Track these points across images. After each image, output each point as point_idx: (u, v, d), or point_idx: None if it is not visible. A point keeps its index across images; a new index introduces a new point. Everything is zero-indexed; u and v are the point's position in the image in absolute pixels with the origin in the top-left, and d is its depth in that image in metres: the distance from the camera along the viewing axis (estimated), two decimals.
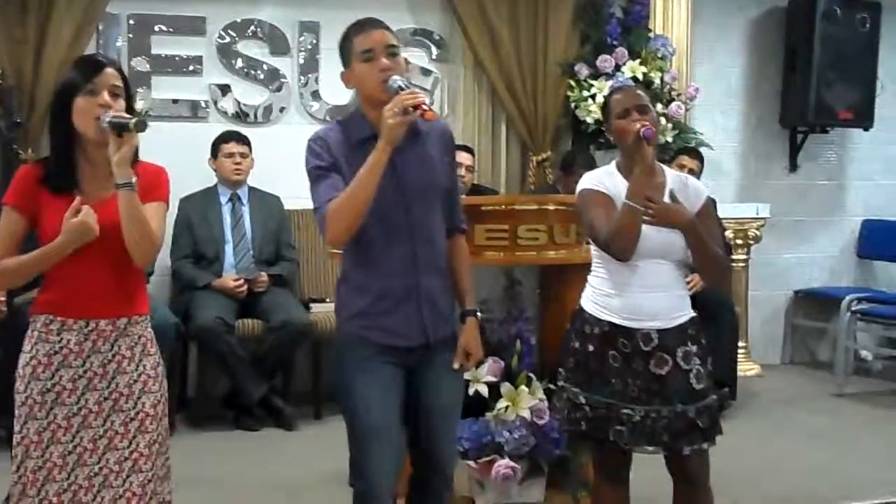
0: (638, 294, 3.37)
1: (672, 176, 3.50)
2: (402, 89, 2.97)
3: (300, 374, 6.44)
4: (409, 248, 3.11)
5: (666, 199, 3.36)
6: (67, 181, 3.00)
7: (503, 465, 4.22)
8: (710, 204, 3.53)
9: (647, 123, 3.33)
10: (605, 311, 3.41)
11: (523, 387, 4.30)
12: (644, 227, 3.30)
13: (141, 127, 2.91)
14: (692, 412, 3.35)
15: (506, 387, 4.28)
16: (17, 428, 3.01)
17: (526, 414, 4.26)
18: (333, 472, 4.95)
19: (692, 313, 3.47)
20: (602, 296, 3.43)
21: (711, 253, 3.39)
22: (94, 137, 2.96)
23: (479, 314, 3.37)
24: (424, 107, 2.92)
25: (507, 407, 4.26)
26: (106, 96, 2.96)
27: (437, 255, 3.20)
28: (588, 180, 3.49)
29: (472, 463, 4.24)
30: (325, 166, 3.09)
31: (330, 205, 3.00)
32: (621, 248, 3.30)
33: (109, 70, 3.01)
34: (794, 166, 8.12)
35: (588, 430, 3.42)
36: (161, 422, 3.12)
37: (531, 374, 4.34)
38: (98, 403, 3.02)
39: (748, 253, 7.52)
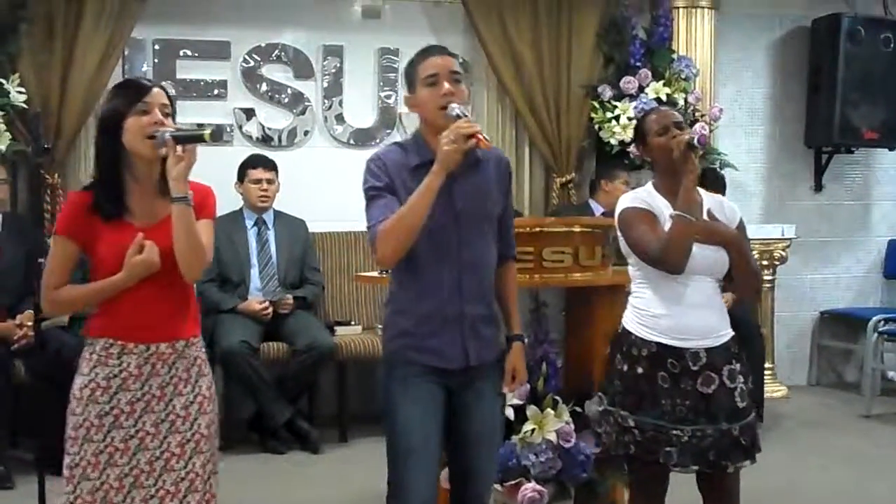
0: (687, 312, 3.38)
1: (707, 196, 3.52)
2: (459, 117, 3.02)
3: (325, 397, 6.46)
4: (455, 275, 3.15)
5: (705, 217, 3.38)
6: (118, 207, 3.02)
7: (530, 488, 4.21)
8: (743, 222, 3.56)
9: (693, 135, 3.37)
10: (652, 332, 3.41)
11: (549, 410, 4.29)
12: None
13: (217, 136, 2.94)
14: (736, 430, 3.37)
15: (532, 410, 4.27)
16: (73, 449, 3.01)
17: (552, 437, 4.24)
18: (359, 494, 4.95)
19: (732, 331, 3.49)
20: (649, 316, 3.43)
21: (752, 268, 3.47)
22: (148, 154, 2.97)
23: (525, 340, 3.40)
24: (480, 136, 2.97)
25: (533, 430, 4.25)
26: (158, 114, 2.99)
27: (483, 285, 3.23)
28: (628, 199, 3.51)
29: (498, 486, 4.22)
30: (380, 186, 3.14)
31: (381, 225, 3.05)
32: (675, 262, 3.31)
33: (157, 90, 3.05)
34: (819, 186, 8.09)
35: (637, 453, 3.41)
36: (213, 442, 3.14)
37: (557, 397, 4.33)
38: (155, 425, 3.03)
39: (774, 274, 7.48)
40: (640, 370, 3.41)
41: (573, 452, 4.25)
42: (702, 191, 3.51)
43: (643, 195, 3.49)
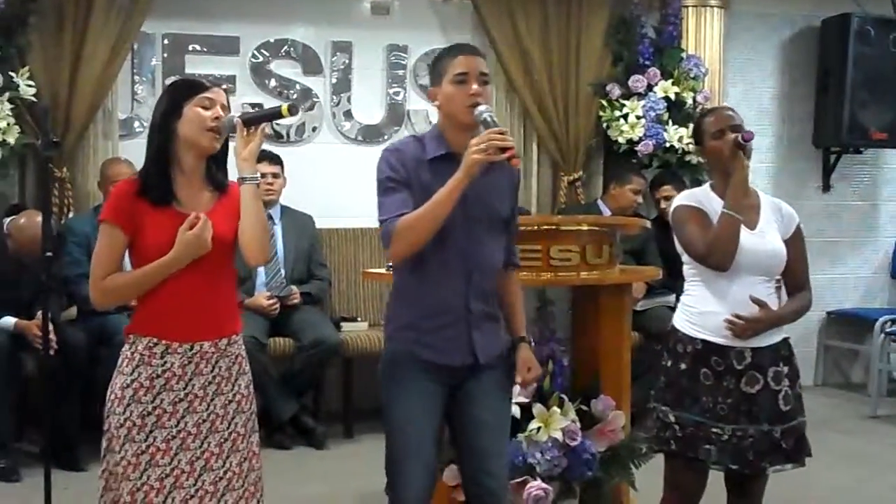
0: (736, 311, 3.39)
1: (767, 201, 3.57)
2: (490, 122, 3.03)
3: (331, 392, 6.48)
4: (464, 271, 3.16)
5: (761, 223, 3.47)
6: (167, 193, 3.01)
7: (535, 486, 4.20)
8: (801, 230, 3.59)
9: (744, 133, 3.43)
10: (699, 329, 3.45)
11: (556, 408, 4.27)
12: (746, 241, 3.35)
13: (294, 110, 3.00)
14: (777, 433, 3.42)
15: (538, 408, 4.26)
16: (114, 447, 3.00)
17: (558, 435, 4.23)
18: (364, 490, 4.95)
19: (785, 333, 3.52)
20: (697, 314, 3.47)
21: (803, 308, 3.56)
22: (205, 145, 3.02)
23: (532, 343, 3.42)
24: (514, 153, 2.97)
25: (539, 428, 4.24)
26: (220, 111, 3.04)
27: (488, 283, 3.24)
28: (683, 197, 3.58)
29: None
30: (397, 179, 3.13)
31: (399, 221, 3.05)
32: (720, 259, 3.35)
33: (220, 90, 3.11)
34: (827, 186, 8.07)
35: (677, 449, 3.45)
36: (250, 439, 3.14)
37: (563, 395, 4.32)
38: (196, 426, 3.02)
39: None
40: (682, 366, 3.46)
41: (579, 451, 4.24)
42: (761, 194, 3.54)
43: (699, 194, 3.55)
